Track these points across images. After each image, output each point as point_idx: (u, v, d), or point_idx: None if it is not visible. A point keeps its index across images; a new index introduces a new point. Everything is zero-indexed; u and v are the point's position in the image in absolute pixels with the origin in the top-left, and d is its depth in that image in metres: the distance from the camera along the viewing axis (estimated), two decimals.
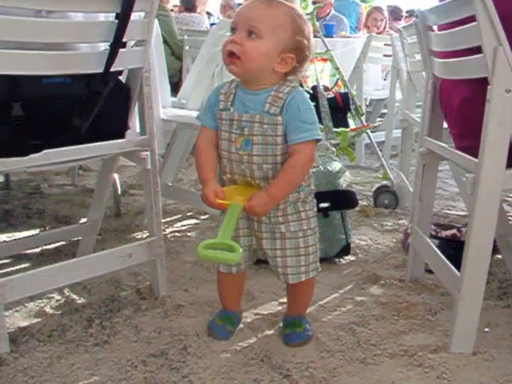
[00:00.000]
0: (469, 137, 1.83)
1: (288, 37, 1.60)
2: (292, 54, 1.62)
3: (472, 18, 1.58)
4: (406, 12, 7.76)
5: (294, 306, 1.91)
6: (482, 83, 1.61)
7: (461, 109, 1.89)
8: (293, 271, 1.76)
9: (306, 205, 1.74)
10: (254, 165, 1.65)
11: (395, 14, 6.95)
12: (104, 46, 1.87)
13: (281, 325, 1.93)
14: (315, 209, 1.79)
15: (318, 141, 1.65)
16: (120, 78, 1.97)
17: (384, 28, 6.06)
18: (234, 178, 1.71)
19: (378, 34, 5.48)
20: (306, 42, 1.63)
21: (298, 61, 1.64)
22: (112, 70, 1.84)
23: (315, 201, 1.79)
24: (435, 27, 2.04)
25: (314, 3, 5.13)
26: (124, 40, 1.83)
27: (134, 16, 1.84)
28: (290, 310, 1.92)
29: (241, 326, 1.93)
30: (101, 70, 1.82)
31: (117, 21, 1.80)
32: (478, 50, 1.61)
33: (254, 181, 1.68)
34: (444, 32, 1.89)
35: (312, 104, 1.67)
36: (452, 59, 1.86)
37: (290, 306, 1.93)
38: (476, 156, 1.65)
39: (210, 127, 1.73)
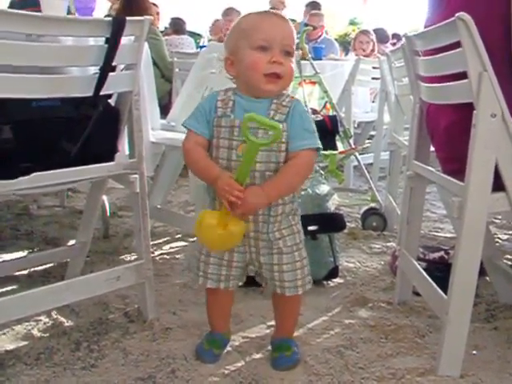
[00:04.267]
0: (455, 160, 1.85)
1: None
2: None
3: (457, 44, 1.60)
4: (392, 35, 7.83)
5: (282, 326, 1.91)
6: (468, 108, 1.63)
7: (447, 133, 1.91)
8: (290, 285, 1.75)
9: (295, 217, 1.76)
10: (256, 172, 1.63)
11: (381, 36, 7.01)
12: (94, 70, 1.88)
13: (269, 348, 1.93)
14: (299, 222, 1.78)
15: (318, 150, 1.67)
16: (109, 101, 1.98)
17: (372, 50, 6.10)
18: None
19: (365, 56, 5.52)
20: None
21: None
22: (101, 93, 1.85)
23: (299, 215, 1.80)
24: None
25: (305, 25, 5.17)
26: (114, 64, 1.85)
27: (124, 40, 1.85)
28: (278, 331, 1.92)
29: (229, 349, 1.92)
30: (90, 94, 1.83)
31: (107, 45, 1.81)
32: (463, 75, 1.63)
33: None
34: (430, 57, 1.92)
35: None
36: (438, 84, 1.88)
37: (278, 327, 1.92)
38: (462, 179, 1.66)
39: (201, 133, 1.68)
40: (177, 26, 6.77)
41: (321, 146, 1.67)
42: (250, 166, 1.56)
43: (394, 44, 7.23)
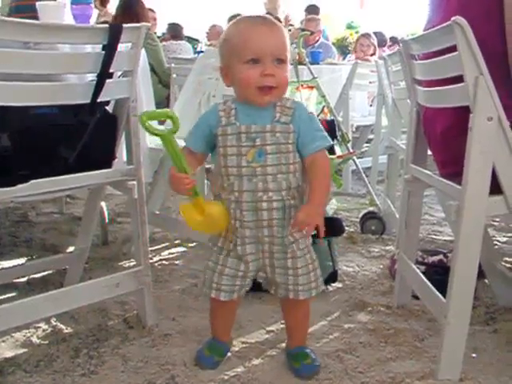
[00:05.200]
0: (452, 164, 1.85)
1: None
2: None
3: (453, 48, 1.61)
4: (390, 39, 7.85)
5: (295, 333, 1.90)
6: (464, 111, 1.63)
7: (443, 136, 1.92)
8: (304, 288, 1.75)
9: None
10: (268, 176, 1.64)
11: (379, 40, 7.02)
12: (91, 77, 1.89)
13: (269, 353, 1.94)
14: None
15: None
16: (107, 107, 1.99)
17: (372, 54, 6.09)
18: (243, 196, 1.66)
19: (364, 59, 5.53)
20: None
21: None
22: (99, 100, 1.86)
23: None
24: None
25: (302, 30, 5.17)
26: (111, 71, 1.85)
27: (121, 47, 1.86)
28: (292, 340, 1.90)
29: (228, 354, 1.92)
30: (88, 101, 1.84)
31: (104, 52, 1.82)
32: (459, 79, 1.63)
33: (266, 194, 1.64)
34: (426, 61, 1.92)
35: None
36: (435, 88, 1.89)
37: (291, 336, 1.91)
38: (460, 183, 1.67)
39: (197, 149, 1.73)
40: (174, 32, 6.79)
41: (332, 142, 1.69)
42: (178, 155, 1.61)
43: (390, 46, 7.25)
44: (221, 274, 1.76)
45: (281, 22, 7.49)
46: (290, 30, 7.44)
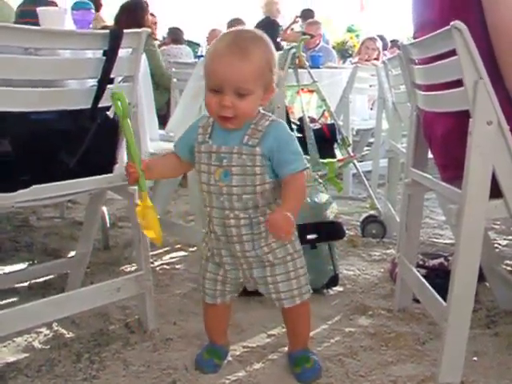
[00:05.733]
0: (453, 167, 1.86)
1: (268, 74, 1.64)
2: (272, 86, 1.67)
3: (453, 53, 1.61)
4: (390, 42, 7.86)
5: (294, 338, 1.90)
6: (464, 115, 1.63)
7: (443, 140, 1.92)
8: (286, 296, 1.76)
9: None
10: (233, 196, 1.66)
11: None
12: (92, 82, 1.90)
13: (270, 357, 1.94)
14: (295, 231, 1.77)
15: (305, 169, 1.67)
16: (108, 113, 1.99)
17: (376, 59, 6.09)
18: (213, 211, 1.70)
19: (367, 61, 5.56)
20: (276, 67, 1.68)
21: None
22: (100, 105, 1.86)
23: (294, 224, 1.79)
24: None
25: (303, 34, 5.18)
26: (111, 76, 1.86)
27: (122, 52, 1.87)
28: (293, 345, 1.91)
29: (229, 358, 1.93)
30: (89, 106, 1.85)
31: (104, 57, 1.83)
32: (459, 83, 1.64)
33: (232, 212, 1.67)
34: (426, 66, 1.93)
35: (296, 135, 1.71)
36: (434, 92, 1.89)
37: (291, 341, 1.92)
38: (460, 186, 1.67)
39: (180, 154, 1.79)
40: (175, 36, 6.79)
41: (308, 166, 1.69)
42: (129, 142, 1.70)
43: (390, 48, 7.26)
44: (204, 277, 1.83)
45: (280, 26, 7.52)
46: (292, 29, 7.47)
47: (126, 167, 1.72)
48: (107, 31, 1.85)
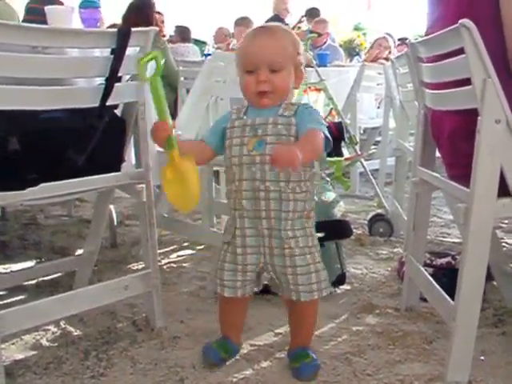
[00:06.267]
0: (460, 166, 1.85)
1: (295, 57, 1.76)
2: (301, 67, 1.78)
3: (461, 51, 1.61)
4: (399, 40, 7.84)
5: (297, 335, 1.90)
6: (472, 114, 1.63)
7: (451, 139, 1.92)
8: (305, 289, 1.76)
9: (309, 221, 1.78)
10: (266, 165, 1.68)
11: None
12: (100, 81, 1.90)
13: (277, 356, 1.94)
14: (314, 226, 1.81)
15: (326, 139, 1.67)
16: (115, 111, 2.00)
17: (385, 58, 6.08)
18: (242, 184, 1.72)
19: (378, 58, 5.56)
20: (302, 53, 1.81)
21: None
22: (108, 104, 1.87)
23: (314, 219, 1.81)
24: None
25: (310, 32, 5.18)
26: (119, 74, 1.86)
27: (129, 51, 1.87)
28: (294, 342, 1.91)
29: (237, 357, 1.93)
30: (96, 105, 1.85)
31: (112, 56, 1.83)
32: (467, 81, 1.63)
33: (263, 184, 1.69)
34: (434, 64, 1.92)
35: None
36: (442, 90, 1.89)
37: (293, 337, 1.92)
38: (468, 185, 1.66)
39: (208, 142, 1.81)
40: (182, 34, 6.79)
41: (328, 136, 1.69)
42: (160, 101, 1.70)
43: (398, 46, 7.24)
44: (222, 269, 1.82)
45: (287, 24, 7.51)
46: (299, 28, 7.45)
47: (152, 128, 1.72)
48: (115, 30, 1.85)
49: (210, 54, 4.59)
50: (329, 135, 1.70)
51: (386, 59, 5.92)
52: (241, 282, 1.80)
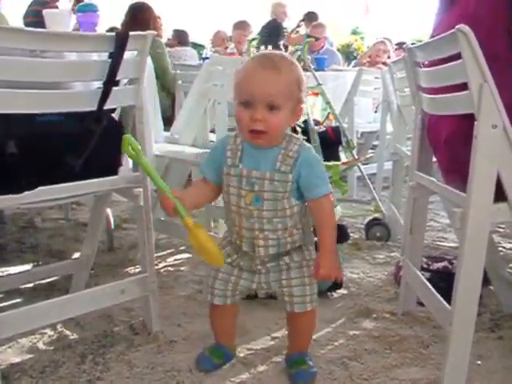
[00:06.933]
0: (457, 171, 1.85)
1: (297, 92, 1.67)
2: (301, 104, 1.69)
3: (458, 56, 1.61)
4: (397, 44, 7.85)
5: (296, 342, 1.91)
6: (469, 119, 1.63)
7: (448, 144, 1.92)
8: (299, 300, 1.78)
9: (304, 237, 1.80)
10: (264, 219, 1.69)
11: None
12: (97, 85, 1.90)
13: (274, 360, 1.94)
14: (313, 240, 1.82)
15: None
16: (113, 115, 2.00)
17: (384, 63, 6.08)
18: (242, 231, 1.74)
19: (377, 63, 5.57)
20: (305, 87, 1.71)
21: None
22: (105, 107, 1.87)
23: (313, 235, 1.82)
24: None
25: (308, 36, 5.18)
26: (117, 78, 1.86)
27: (127, 55, 1.87)
28: (293, 348, 1.91)
29: (233, 361, 1.93)
30: (94, 108, 1.85)
31: (110, 60, 1.83)
32: (463, 86, 1.64)
33: (262, 233, 1.71)
34: (431, 69, 1.93)
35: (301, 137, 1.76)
36: (439, 95, 1.89)
37: (291, 344, 1.92)
38: (464, 190, 1.67)
39: (210, 179, 1.78)
40: (180, 38, 6.79)
41: (331, 191, 1.74)
42: (151, 174, 1.67)
43: (396, 50, 7.25)
44: (215, 277, 1.83)
45: (285, 28, 7.53)
46: (297, 32, 7.47)
47: (161, 201, 1.69)
48: (113, 34, 1.85)
49: (207, 58, 4.60)
50: (330, 187, 1.74)
51: (384, 64, 5.94)
52: (231, 291, 1.83)
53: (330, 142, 3.49)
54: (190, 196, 1.77)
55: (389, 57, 6.23)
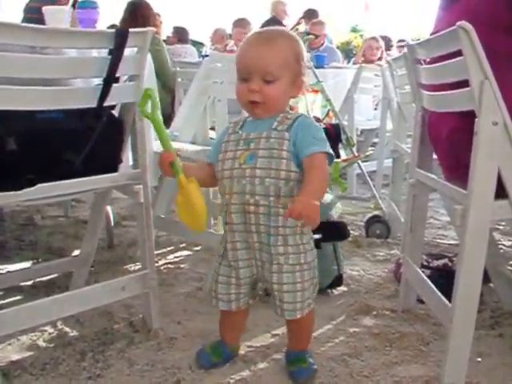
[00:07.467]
0: (457, 168, 1.85)
1: (295, 65, 1.70)
2: (301, 77, 1.72)
3: (459, 53, 1.61)
4: (398, 41, 7.85)
5: (295, 342, 1.90)
6: (470, 116, 1.63)
7: (449, 141, 1.92)
8: (289, 307, 1.73)
9: (304, 237, 1.73)
10: (256, 178, 1.65)
11: (385, 44, 7.03)
12: (97, 81, 1.90)
13: (274, 357, 1.94)
14: (312, 242, 1.77)
15: (329, 156, 1.67)
16: (113, 112, 1.99)
17: (379, 58, 6.09)
18: (232, 197, 1.69)
19: (371, 61, 5.56)
20: (304, 61, 1.74)
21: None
22: (105, 104, 1.86)
23: (312, 234, 1.78)
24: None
25: (307, 34, 5.17)
26: (117, 75, 1.86)
27: (127, 51, 1.87)
28: (292, 345, 1.91)
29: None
30: (94, 105, 1.85)
31: (110, 56, 1.83)
32: (464, 83, 1.63)
33: (253, 198, 1.65)
34: (432, 66, 1.92)
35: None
36: (440, 92, 1.89)
37: (291, 341, 1.91)
38: (465, 187, 1.66)
39: (214, 163, 1.78)
40: (180, 35, 6.80)
41: (332, 152, 1.68)
42: (161, 132, 1.73)
43: (398, 48, 7.25)
44: (216, 281, 1.81)
45: (284, 26, 7.51)
46: (297, 29, 7.45)
47: (159, 160, 1.74)
48: (113, 30, 1.85)
49: (207, 55, 4.59)
50: (331, 150, 1.68)
51: (380, 59, 5.94)
52: (235, 294, 1.80)
53: (330, 139, 3.48)
54: (192, 166, 1.82)
55: (382, 52, 6.22)
